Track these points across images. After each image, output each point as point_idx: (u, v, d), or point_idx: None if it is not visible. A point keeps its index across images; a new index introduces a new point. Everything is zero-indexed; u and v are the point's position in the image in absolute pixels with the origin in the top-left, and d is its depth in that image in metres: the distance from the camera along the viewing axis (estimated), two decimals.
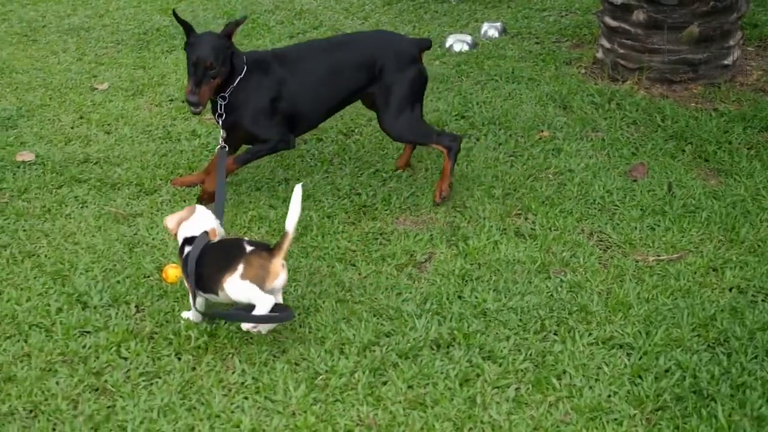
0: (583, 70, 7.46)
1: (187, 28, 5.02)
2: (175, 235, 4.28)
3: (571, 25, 8.67)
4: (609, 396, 3.78)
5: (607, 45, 7.32)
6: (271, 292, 3.93)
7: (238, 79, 5.02)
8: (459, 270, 4.64)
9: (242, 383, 3.84)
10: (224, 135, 5.05)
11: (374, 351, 4.02)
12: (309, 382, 3.83)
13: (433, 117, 6.49)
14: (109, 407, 3.71)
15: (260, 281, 3.90)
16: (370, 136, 6.27)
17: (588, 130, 6.32)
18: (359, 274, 4.65)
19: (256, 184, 5.60)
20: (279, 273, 3.95)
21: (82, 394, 3.79)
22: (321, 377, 3.87)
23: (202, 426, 3.61)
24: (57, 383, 3.85)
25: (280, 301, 4.03)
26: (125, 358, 4.00)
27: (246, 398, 3.75)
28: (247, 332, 4.11)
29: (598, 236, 5.03)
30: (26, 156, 6.05)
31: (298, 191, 3.96)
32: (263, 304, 3.86)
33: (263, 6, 9.97)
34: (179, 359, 3.99)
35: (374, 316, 4.28)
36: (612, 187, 5.48)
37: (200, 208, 4.34)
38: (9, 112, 6.93)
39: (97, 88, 7.52)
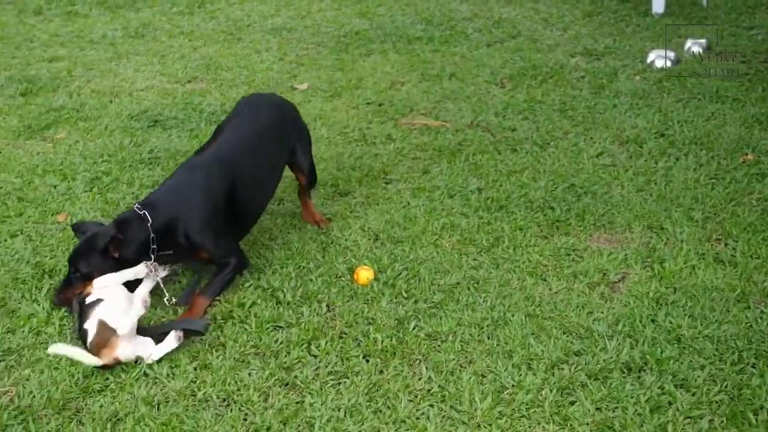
0: None
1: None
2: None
3: None
4: None
5: None
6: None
7: None
8: (653, 293, 4.50)
9: (428, 390, 3.83)
10: None
11: (563, 369, 3.95)
12: (495, 395, 3.79)
13: (631, 134, 6.35)
14: (297, 402, 3.78)
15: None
16: (566, 150, 6.18)
17: None
18: (550, 290, 4.58)
19: (449, 191, 5.60)
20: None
21: (273, 387, 3.86)
22: (507, 391, 3.82)
23: (388, 429, 3.62)
24: (249, 374, 3.94)
25: None
26: (315, 356, 4.07)
27: (431, 406, 3.75)
28: (435, 339, 4.13)
29: None
30: None
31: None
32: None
33: (461, 13, 10.01)
34: (367, 361, 4.02)
35: (564, 333, 4.20)
36: None
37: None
38: (213, 107, 7.19)
39: (297, 88, 7.71)
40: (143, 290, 4.30)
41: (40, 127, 6.90)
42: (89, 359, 3.92)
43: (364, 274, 4.61)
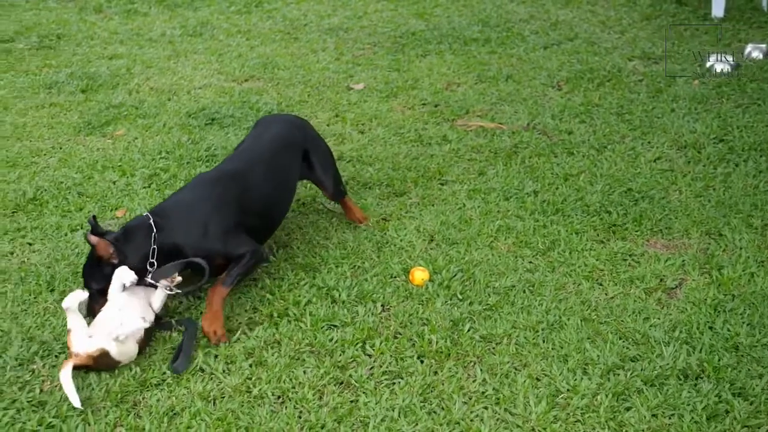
0: None
1: None
2: None
3: None
4: None
5: None
6: None
7: None
8: (711, 300, 4.45)
9: (483, 393, 3.83)
10: None
11: (618, 375, 3.92)
12: (550, 399, 3.77)
13: (689, 139, 6.29)
14: (352, 402, 3.79)
15: None
16: (623, 154, 6.14)
17: None
18: (606, 295, 4.55)
19: (505, 194, 5.59)
20: None
21: (327, 385, 3.88)
22: (562, 395, 3.80)
23: (442, 431, 3.62)
24: (304, 372, 3.96)
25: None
26: (369, 355, 4.08)
27: (486, 408, 3.74)
28: (490, 341, 4.12)
29: None
30: None
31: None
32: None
33: (518, 15, 9.97)
34: (422, 362, 4.02)
35: (620, 338, 4.17)
36: None
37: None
38: (270, 106, 7.23)
39: (353, 88, 7.74)
40: (154, 303, 4.30)
41: (100, 123, 7.00)
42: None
43: (420, 275, 4.62)
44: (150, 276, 4.23)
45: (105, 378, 3.90)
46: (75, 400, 3.67)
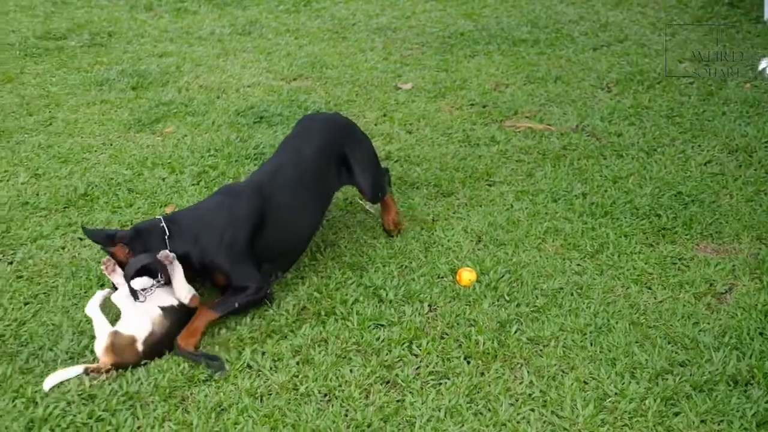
0: None
1: None
2: None
3: None
4: None
5: None
6: None
7: None
8: (762, 305, 4.40)
9: (529, 395, 3.81)
10: None
11: (667, 379, 3.88)
12: (597, 403, 3.75)
13: (741, 143, 6.22)
14: (398, 401, 3.79)
15: None
16: (673, 157, 6.08)
17: None
18: (655, 299, 4.51)
19: (553, 195, 5.57)
20: None
21: (374, 384, 3.89)
22: (610, 399, 3.78)
23: None
24: (350, 371, 3.97)
25: None
26: (416, 355, 4.08)
27: (532, 410, 3.73)
28: (537, 343, 4.11)
29: None
30: None
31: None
32: None
33: (567, 16, 9.92)
34: (468, 363, 4.02)
35: (669, 343, 4.13)
36: None
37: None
38: (318, 105, 7.26)
39: (401, 88, 7.74)
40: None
41: (150, 120, 7.06)
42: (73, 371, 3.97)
43: (467, 276, 4.61)
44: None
45: (153, 373, 3.94)
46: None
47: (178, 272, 4.22)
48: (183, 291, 4.22)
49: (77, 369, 3.92)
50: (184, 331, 4.15)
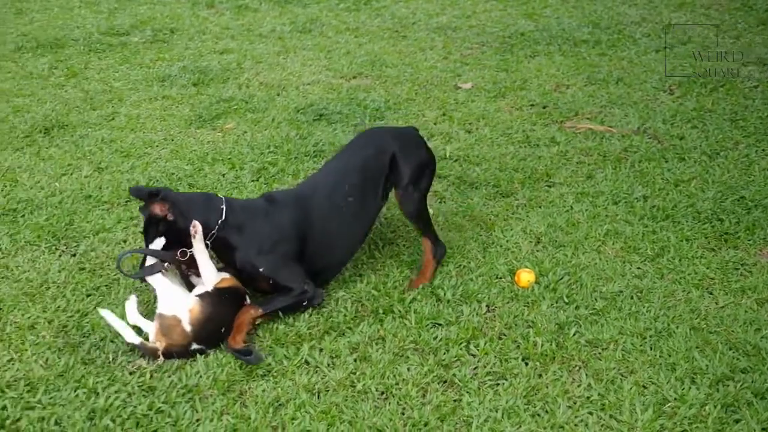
0: None
1: None
2: None
3: None
4: None
5: None
6: None
7: None
8: None
9: (587, 398, 3.78)
10: None
11: (728, 386, 3.83)
12: (656, 407, 3.71)
13: None
14: (455, 401, 3.78)
15: None
16: (736, 161, 6.00)
17: None
18: (716, 304, 4.45)
19: (614, 198, 5.52)
20: None
21: (431, 384, 3.88)
22: (669, 404, 3.73)
23: None
24: (408, 369, 3.97)
25: None
26: (473, 355, 4.07)
27: (590, 413, 3.70)
28: (596, 346, 4.08)
29: None
30: None
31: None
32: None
33: (629, 17, 9.84)
34: (526, 364, 4.00)
35: (730, 349, 4.08)
36: None
37: None
38: (378, 103, 7.27)
39: (460, 87, 7.73)
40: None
41: (211, 116, 7.12)
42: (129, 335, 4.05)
43: (525, 277, 4.59)
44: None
45: (212, 367, 3.97)
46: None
47: (204, 258, 4.26)
48: (210, 278, 4.26)
49: (133, 336, 4.01)
50: (231, 336, 4.13)
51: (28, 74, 8.37)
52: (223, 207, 4.32)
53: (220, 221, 4.28)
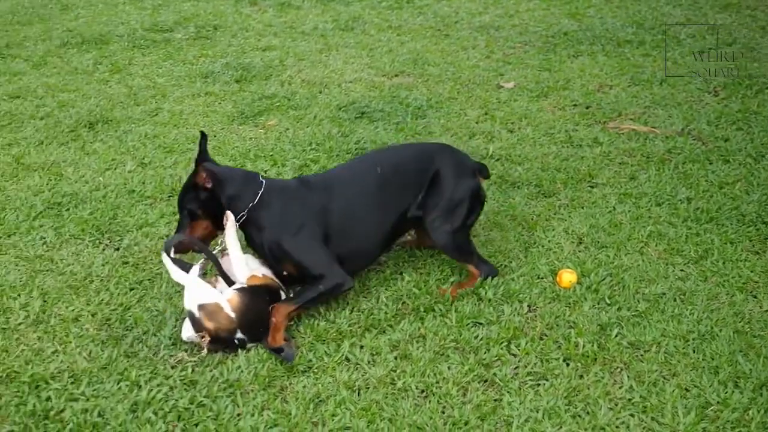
0: None
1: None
2: None
3: None
4: None
5: None
6: None
7: None
8: None
9: (629, 400, 3.76)
10: None
11: None
12: (699, 411, 3.68)
13: None
14: (495, 400, 3.78)
15: None
16: None
17: None
18: (761, 307, 4.40)
19: (657, 199, 5.48)
20: None
21: (471, 383, 3.88)
22: (712, 408, 3.70)
23: None
24: (448, 368, 3.97)
25: None
26: (514, 355, 4.06)
27: (632, 415, 3.67)
28: (638, 348, 4.05)
29: None
30: None
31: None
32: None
33: (674, 18, 9.76)
34: (567, 365, 3.98)
35: None
36: None
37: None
38: (420, 102, 7.26)
39: (503, 87, 7.70)
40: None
41: (253, 113, 7.15)
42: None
43: (567, 277, 4.57)
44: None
45: (253, 362, 3.99)
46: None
47: (235, 251, 4.28)
48: (241, 271, 4.28)
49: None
50: (269, 336, 4.12)
51: (73, 70, 8.46)
52: (260, 192, 4.33)
53: (251, 204, 4.30)
